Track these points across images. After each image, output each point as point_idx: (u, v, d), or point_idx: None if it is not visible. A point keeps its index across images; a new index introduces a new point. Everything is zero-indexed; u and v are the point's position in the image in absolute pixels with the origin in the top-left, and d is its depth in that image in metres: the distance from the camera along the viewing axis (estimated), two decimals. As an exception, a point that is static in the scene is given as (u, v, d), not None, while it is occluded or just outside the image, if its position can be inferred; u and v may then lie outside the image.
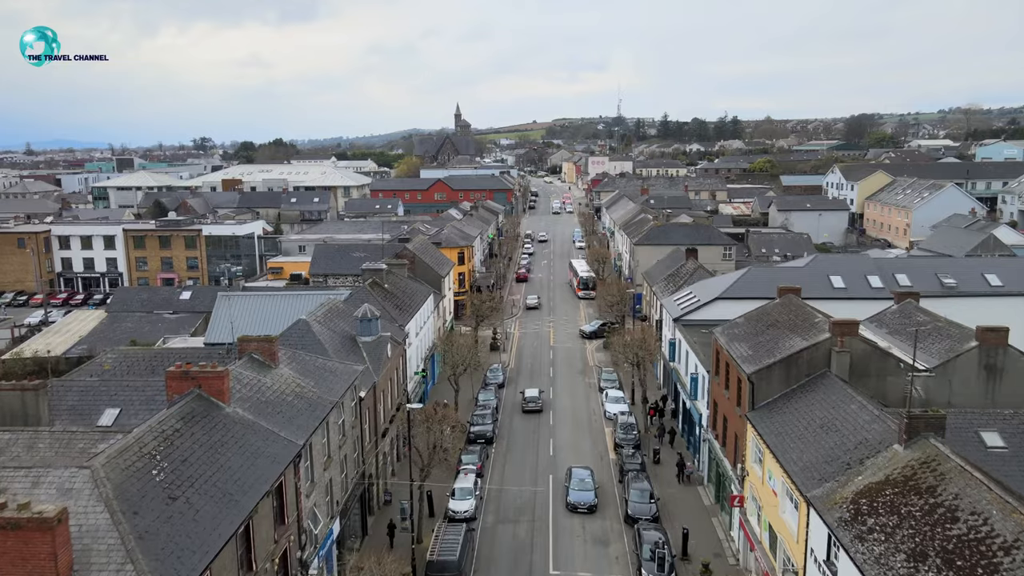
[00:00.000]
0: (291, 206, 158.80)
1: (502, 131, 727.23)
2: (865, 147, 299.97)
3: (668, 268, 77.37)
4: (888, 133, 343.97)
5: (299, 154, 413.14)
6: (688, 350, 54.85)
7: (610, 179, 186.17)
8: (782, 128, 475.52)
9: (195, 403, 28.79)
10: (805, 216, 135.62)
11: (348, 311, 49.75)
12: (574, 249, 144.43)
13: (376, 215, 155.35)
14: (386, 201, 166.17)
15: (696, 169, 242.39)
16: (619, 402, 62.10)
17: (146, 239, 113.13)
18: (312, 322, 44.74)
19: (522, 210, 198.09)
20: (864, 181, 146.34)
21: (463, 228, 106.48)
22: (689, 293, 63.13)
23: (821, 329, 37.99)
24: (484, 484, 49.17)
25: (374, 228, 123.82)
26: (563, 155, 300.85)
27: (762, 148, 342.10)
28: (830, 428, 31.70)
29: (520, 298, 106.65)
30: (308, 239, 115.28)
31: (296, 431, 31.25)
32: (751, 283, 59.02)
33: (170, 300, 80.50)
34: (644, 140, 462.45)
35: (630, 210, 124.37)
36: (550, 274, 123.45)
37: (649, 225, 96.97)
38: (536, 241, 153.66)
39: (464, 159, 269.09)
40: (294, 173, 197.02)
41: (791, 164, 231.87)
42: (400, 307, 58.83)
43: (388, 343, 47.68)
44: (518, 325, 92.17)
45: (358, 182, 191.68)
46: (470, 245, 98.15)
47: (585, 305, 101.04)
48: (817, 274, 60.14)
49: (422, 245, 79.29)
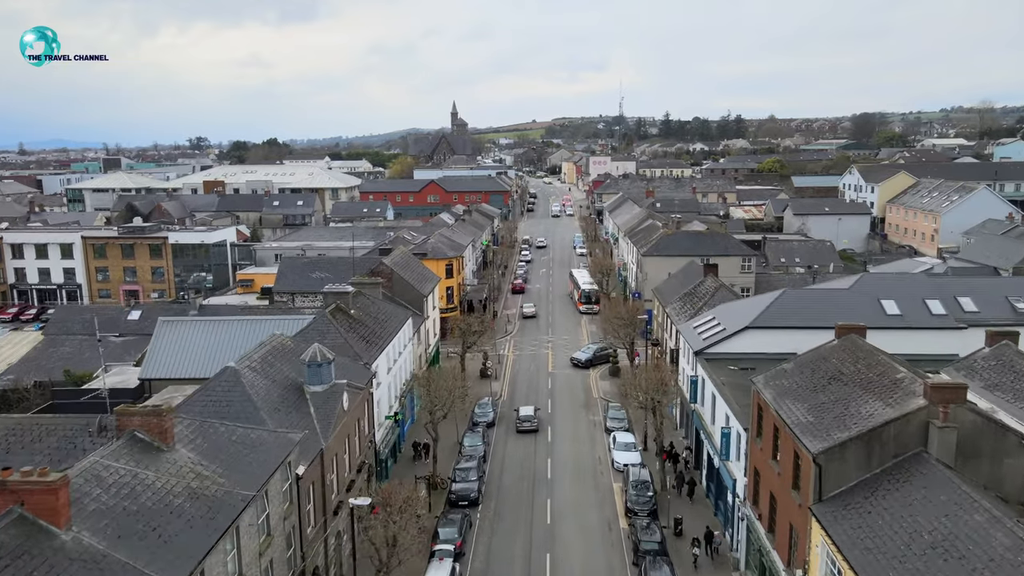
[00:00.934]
0: (273, 210, 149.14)
1: (501, 130, 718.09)
2: (875, 146, 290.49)
3: (682, 284, 67.75)
4: (897, 132, 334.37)
5: (292, 154, 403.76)
6: (715, 393, 45.22)
7: (612, 180, 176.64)
8: (786, 127, 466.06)
9: (12, 531, 19.17)
10: (823, 221, 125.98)
11: (298, 350, 40.13)
12: (575, 256, 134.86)
13: (364, 219, 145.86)
14: (375, 204, 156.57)
15: (702, 169, 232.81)
16: (629, 449, 52.44)
17: (107, 248, 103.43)
18: (244, 370, 35.09)
19: (520, 213, 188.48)
20: (885, 183, 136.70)
21: (453, 236, 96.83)
22: (711, 319, 53.48)
23: (909, 391, 28.34)
24: (465, 569, 39.47)
25: (359, 235, 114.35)
26: (563, 155, 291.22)
27: (768, 147, 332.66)
28: (948, 550, 22.04)
29: (516, 312, 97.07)
30: (285, 247, 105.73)
31: (177, 559, 21.59)
32: (787, 309, 49.44)
33: (116, 321, 70.94)
34: (645, 139, 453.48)
35: (635, 215, 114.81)
36: (549, 284, 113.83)
37: (658, 233, 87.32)
38: (534, 247, 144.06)
39: (460, 159, 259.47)
40: (280, 174, 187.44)
41: (801, 164, 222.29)
42: (369, 339, 49.17)
43: (344, 392, 38.06)
44: (512, 346, 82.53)
45: (347, 184, 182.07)
46: (459, 256, 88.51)
47: (587, 321, 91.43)
48: (865, 297, 50.46)
49: (403, 258, 69.67)
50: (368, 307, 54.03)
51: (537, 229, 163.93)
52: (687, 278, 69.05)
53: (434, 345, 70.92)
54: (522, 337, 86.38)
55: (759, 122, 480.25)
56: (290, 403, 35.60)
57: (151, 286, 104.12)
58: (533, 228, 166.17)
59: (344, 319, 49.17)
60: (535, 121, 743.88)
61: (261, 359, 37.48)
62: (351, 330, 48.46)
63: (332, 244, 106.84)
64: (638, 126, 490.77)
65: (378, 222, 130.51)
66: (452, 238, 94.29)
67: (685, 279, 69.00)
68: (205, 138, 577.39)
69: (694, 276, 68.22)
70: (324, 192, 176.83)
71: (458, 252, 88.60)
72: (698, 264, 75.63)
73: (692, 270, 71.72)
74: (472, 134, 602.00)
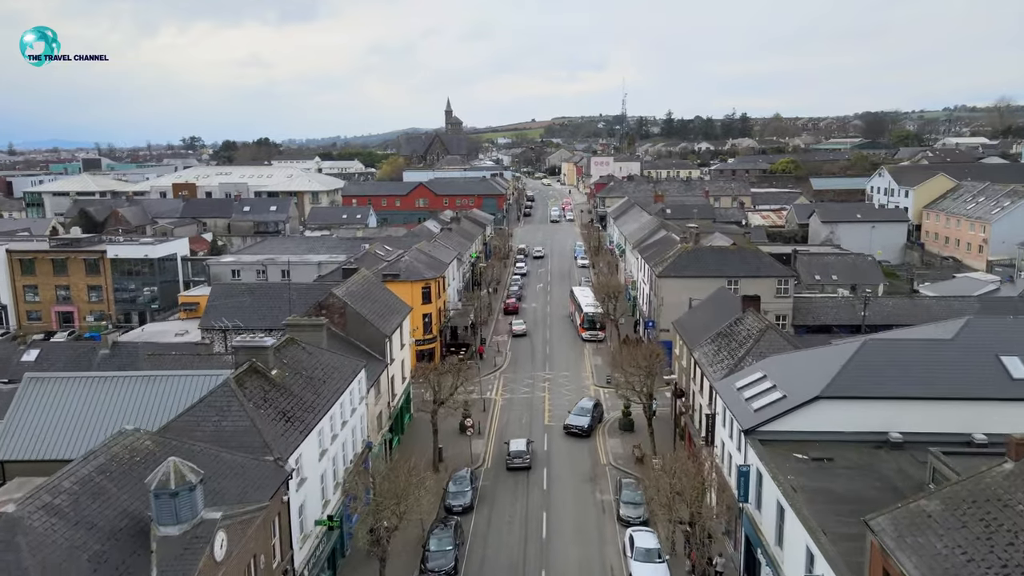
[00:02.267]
0: (243, 216, 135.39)
1: (500, 130, 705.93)
2: (890, 146, 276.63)
3: (713, 317, 53.97)
4: (911, 131, 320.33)
5: (282, 154, 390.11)
6: (781, 503, 31.39)
7: (616, 183, 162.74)
8: (793, 126, 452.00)
9: None
10: (855, 229, 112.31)
11: (160, 454, 26.32)
12: (575, 267, 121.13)
13: (343, 226, 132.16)
14: (357, 210, 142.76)
15: (710, 170, 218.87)
16: (651, 558, 38.51)
17: (36, 263, 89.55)
18: (34, 515, 21.21)
19: (516, 218, 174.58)
20: (922, 187, 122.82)
21: (434, 251, 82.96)
22: (760, 378, 39.63)
23: None
24: None
25: (332, 246, 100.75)
26: (562, 155, 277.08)
27: (777, 147, 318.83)
28: None
29: (506, 338, 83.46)
30: (244, 262, 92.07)
31: None
32: (872, 368, 35.75)
33: (6, 363, 57.28)
34: (647, 139, 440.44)
35: (644, 224, 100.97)
36: (546, 303, 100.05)
37: (675, 249, 73.43)
38: (531, 257, 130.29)
39: (455, 160, 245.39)
40: (257, 176, 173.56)
41: (816, 165, 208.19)
42: (293, 415, 35.30)
43: (219, 533, 24.22)
44: (501, 385, 68.76)
45: (328, 187, 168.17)
46: (440, 276, 74.67)
47: (591, 352, 77.69)
48: (978, 351, 36.63)
49: (363, 286, 55.83)
50: (301, 362, 40.18)
51: (534, 237, 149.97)
52: (718, 309, 55.25)
53: (401, 394, 57.04)
54: (514, 372, 72.58)
55: (765, 121, 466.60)
56: (114, 566, 21.74)
57: (88, 307, 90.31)
58: (530, 235, 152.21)
59: (259, 386, 35.31)
60: (534, 120, 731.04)
61: (83, 482, 23.63)
62: (266, 403, 34.59)
63: (299, 258, 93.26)
64: (640, 125, 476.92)
65: (357, 230, 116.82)
66: (433, 253, 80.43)
67: (716, 311, 55.18)
68: (199, 138, 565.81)
69: (726, 307, 54.46)
70: (304, 196, 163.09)
71: (438, 271, 74.74)
72: (728, 292, 61.97)
73: (723, 299, 57.98)
74: (470, 133, 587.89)
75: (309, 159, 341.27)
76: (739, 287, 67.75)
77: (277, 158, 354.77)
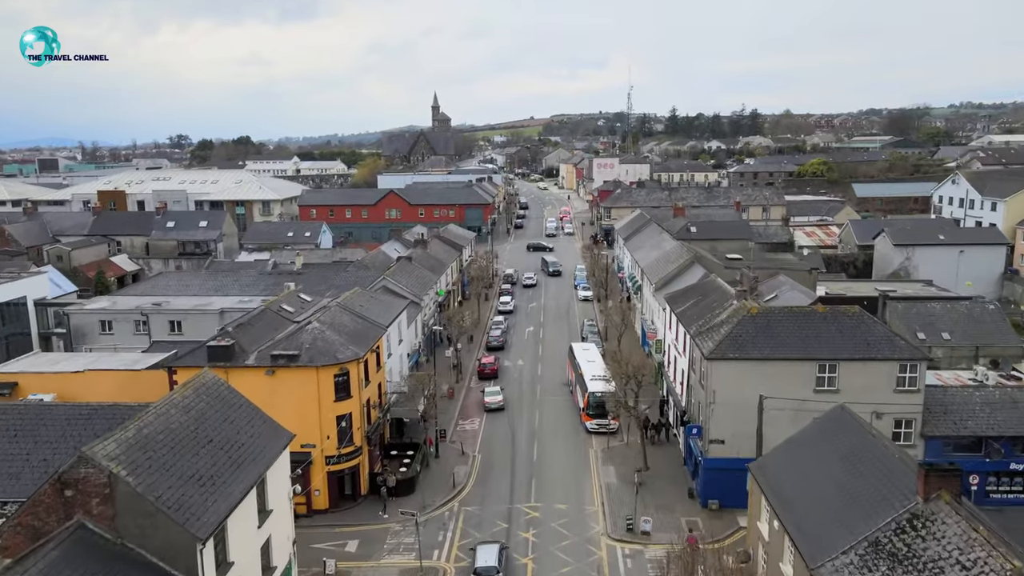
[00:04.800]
0: (166, 233, 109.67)
1: (497, 128, 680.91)
2: (923, 144, 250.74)
3: (828, 478, 28.51)
4: (941, 128, 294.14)
5: (260, 154, 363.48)
6: None
7: (624, 190, 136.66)
8: (806, 123, 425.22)
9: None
10: (936, 255, 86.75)
11: None
12: (575, 300, 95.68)
13: (288, 246, 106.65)
14: (307, 226, 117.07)
15: (728, 174, 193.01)
16: None
17: None
18: None
19: (506, 230, 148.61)
20: (1015, 198, 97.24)
21: (371, 305, 56.98)
22: None
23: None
24: None
25: (247, 284, 75.37)
26: (561, 155, 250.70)
27: (795, 145, 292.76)
28: None
29: (478, 424, 58.25)
30: (119, 309, 66.78)
31: None
32: None
33: None
34: (651, 136, 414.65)
35: (668, 252, 75.22)
36: (537, 357, 74.49)
37: (729, 311, 47.30)
38: (520, 285, 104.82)
39: (440, 161, 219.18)
40: (200, 182, 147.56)
41: (850, 167, 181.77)
42: None
43: None
44: (458, 533, 43.22)
45: (284, 194, 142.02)
46: (371, 351, 48.70)
47: (601, 457, 52.27)
48: None
49: (186, 414, 30.20)
50: None
51: (525, 259, 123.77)
52: (847, 466, 29.73)
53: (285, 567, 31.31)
54: (481, 502, 46.96)
55: (775, 118, 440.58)
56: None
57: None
58: (520, 257, 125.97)
59: None
60: (533, 118, 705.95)
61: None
62: None
63: (200, 303, 67.97)
64: (642, 123, 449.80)
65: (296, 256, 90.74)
66: (366, 310, 54.49)
67: (843, 466, 29.63)
68: (186, 136, 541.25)
69: (842, 432, 29.04)
70: (252, 206, 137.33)
71: (365, 344, 48.67)
72: (848, 413, 36.04)
73: (844, 422, 32.47)
74: (467, 131, 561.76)
75: (288, 159, 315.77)
76: (838, 375, 42.64)
77: (254, 158, 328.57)
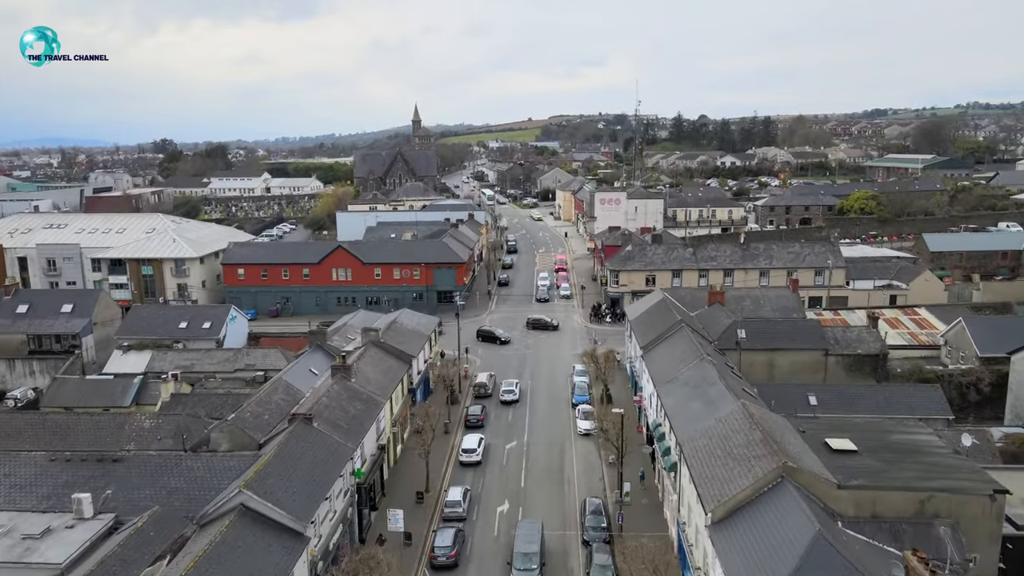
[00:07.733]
0: (14, 323, 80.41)
1: (494, 129, 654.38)
2: (966, 161, 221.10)
3: None
4: (980, 141, 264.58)
5: (230, 167, 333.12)
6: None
7: (637, 247, 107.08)
8: (822, 132, 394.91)
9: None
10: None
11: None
12: (573, 437, 66.28)
13: (180, 342, 77.96)
14: (209, 312, 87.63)
15: (755, 207, 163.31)
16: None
17: None
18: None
19: (487, 292, 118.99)
20: None
21: None
22: None
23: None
24: None
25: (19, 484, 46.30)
26: (557, 175, 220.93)
27: (819, 162, 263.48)
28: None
29: None
30: None
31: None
32: None
33: None
34: (654, 144, 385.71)
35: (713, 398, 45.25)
36: None
37: None
38: (498, 399, 75.41)
39: (418, 188, 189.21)
40: (104, 231, 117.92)
41: (902, 199, 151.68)
42: None
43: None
44: None
45: (204, 249, 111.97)
46: None
47: None
48: None
49: None
50: None
51: (506, 359, 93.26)
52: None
53: None
54: None
55: (788, 124, 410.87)
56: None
57: None
58: (498, 358, 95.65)
59: None
60: (531, 119, 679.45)
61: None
62: None
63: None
64: (645, 129, 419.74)
65: (173, 372, 61.17)
66: None
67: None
68: (171, 140, 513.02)
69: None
70: (163, 265, 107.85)
71: None
72: None
73: None
74: (464, 132, 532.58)
75: (257, 175, 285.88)
76: None
77: (221, 173, 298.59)
